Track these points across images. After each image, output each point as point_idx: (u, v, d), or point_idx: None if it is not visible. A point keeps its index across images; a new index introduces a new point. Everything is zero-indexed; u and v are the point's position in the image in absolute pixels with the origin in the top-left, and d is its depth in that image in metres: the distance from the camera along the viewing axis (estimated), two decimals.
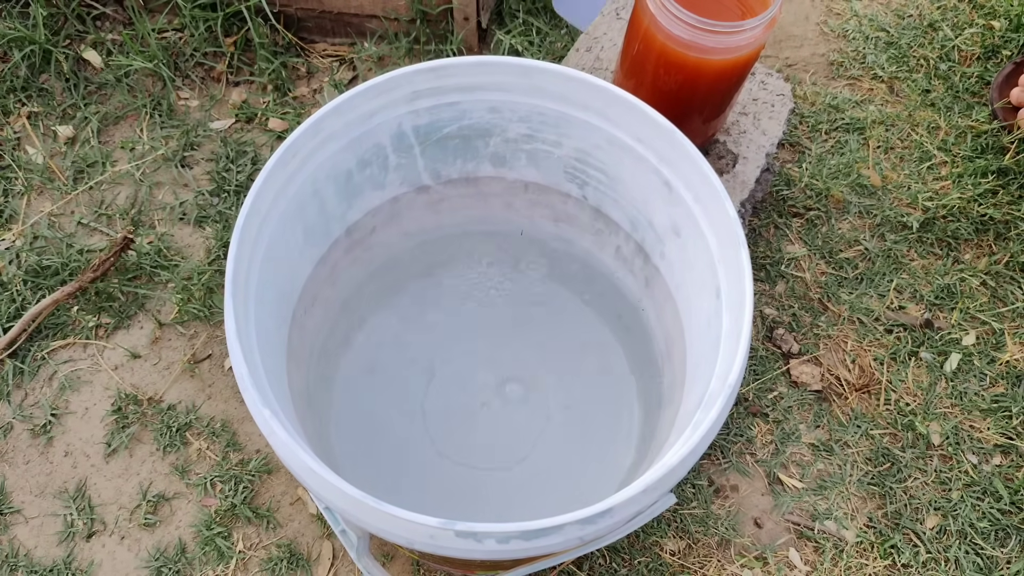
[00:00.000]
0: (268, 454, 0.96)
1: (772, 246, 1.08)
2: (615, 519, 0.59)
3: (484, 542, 0.57)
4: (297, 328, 0.81)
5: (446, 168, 0.86)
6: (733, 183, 0.95)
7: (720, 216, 0.70)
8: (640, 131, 0.75)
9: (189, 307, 1.02)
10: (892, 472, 0.96)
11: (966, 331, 1.03)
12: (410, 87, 0.76)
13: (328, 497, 0.59)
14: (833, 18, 1.28)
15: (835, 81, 1.23)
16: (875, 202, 1.11)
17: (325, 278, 0.86)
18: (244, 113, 1.17)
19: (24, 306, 1.02)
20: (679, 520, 0.93)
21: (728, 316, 0.69)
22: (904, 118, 1.18)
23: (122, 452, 0.96)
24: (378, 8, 1.17)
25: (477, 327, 1.00)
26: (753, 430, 0.98)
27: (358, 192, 0.82)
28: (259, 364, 0.65)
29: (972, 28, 1.25)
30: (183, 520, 0.93)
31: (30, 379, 1.00)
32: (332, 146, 0.75)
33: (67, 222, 1.09)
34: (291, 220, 0.75)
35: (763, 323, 1.04)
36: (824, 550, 0.92)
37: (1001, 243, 1.09)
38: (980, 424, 0.98)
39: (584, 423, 0.95)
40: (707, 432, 0.61)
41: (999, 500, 0.94)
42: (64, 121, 1.16)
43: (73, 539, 0.92)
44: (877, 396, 1.00)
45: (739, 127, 0.96)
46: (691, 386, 0.74)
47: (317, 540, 0.92)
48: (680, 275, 0.80)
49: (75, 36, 1.20)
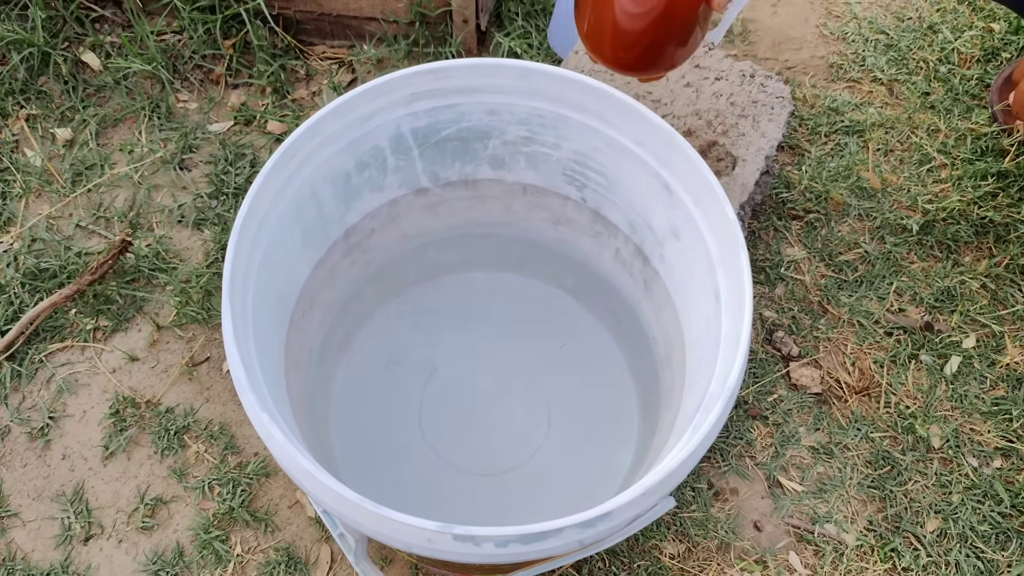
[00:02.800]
0: (266, 457, 0.96)
1: (772, 249, 1.08)
2: (614, 522, 0.59)
3: (482, 545, 0.57)
4: (295, 330, 0.81)
5: (445, 170, 0.86)
6: (732, 185, 0.95)
7: (719, 219, 0.70)
8: (639, 133, 0.75)
9: (187, 310, 1.02)
10: (892, 475, 0.96)
11: (966, 334, 1.03)
12: (408, 89, 0.76)
13: (325, 500, 0.59)
14: (832, 21, 1.28)
15: (835, 84, 1.22)
16: (875, 205, 1.11)
17: (323, 281, 0.86)
18: (243, 115, 1.17)
19: (22, 309, 1.02)
20: (679, 523, 0.93)
21: (727, 319, 0.69)
22: (904, 121, 1.18)
23: (120, 455, 0.96)
24: (377, 11, 1.17)
25: (476, 330, 1.00)
26: (753, 433, 0.98)
27: (356, 194, 0.82)
28: (257, 367, 0.65)
29: (972, 31, 1.24)
30: (181, 523, 0.93)
31: (28, 382, 0.99)
32: (330, 148, 0.75)
33: (65, 225, 1.09)
34: (289, 222, 0.75)
35: (763, 326, 1.04)
36: (824, 553, 0.92)
37: (1001, 246, 1.08)
38: (980, 427, 0.98)
39: (583, 426, 0.94)
40: (706, 435, 0.61)
41: (1000, 503, 0.94)
42: (62, 123, 1.16)
43: (71, 542, 0.92)
44: (877, 399, 1.00)
45: (738, 129, 0.96)
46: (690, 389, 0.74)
47: (315, 544, 0.92)
48: (679, 278, 0.80)
49: (74, 39, 1.20)
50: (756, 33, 1.27)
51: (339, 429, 0.93)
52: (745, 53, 1.25)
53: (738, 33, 1.27)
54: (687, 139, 0.89)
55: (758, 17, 1.29)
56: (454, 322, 1.00)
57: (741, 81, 0.99)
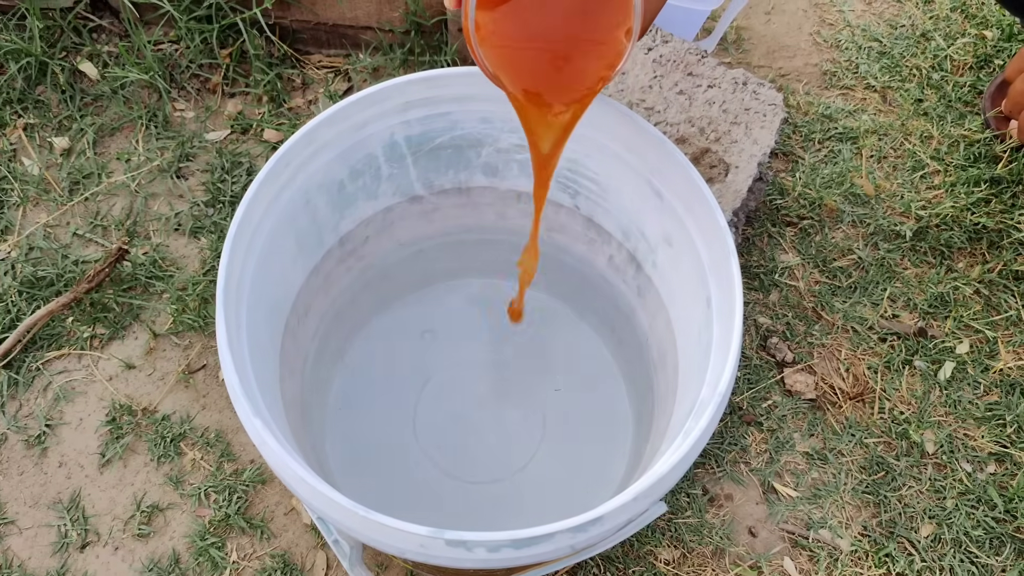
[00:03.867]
0: (262, 464, 0.96)
1: (766, 255, 1.09)
2: (606, 527, 0.59)
3: (474, 551, 0.57)
4: (291, 337, 0.81)
5: (439, 178, 0.86)
6: (725, 192, 0.95)
7: (710, 225, 0.70)
8: (631, 141, 0.76)
9: (184, 317, 1.02)
10: (886, 481, 0.96)
11: (960, 339, 1.03)
12: (402, 98, 0.76)
13: (319, 506, 0.59)
14: (826, 28, 1.29)
15: (828, 91, 1.23)
16: (868, 211, 1.12)
17: (318, 288, 0.86)
18: (239, 124, 1.17)
19: (19, 317, 1.02)
20: (673, 529, 0.93)
21: (719, 325, 0.69)
22: (897, 127, 1.18)
23: (116, 463, 0.96)
24: (373, 20, 1.17)
25: (471, 337, 1.00)
26: (747, 439, 0.98)
27: (351, 202, 0.83)
28: (251, 374, 0.66)
29: (964, 38, 1.25)
30: (177, 530, 0.93)
31: (24, 390, 1.00)
32: (324, 156, 0.76)
33: (62, 233, 1.10)
34: (283, 230, 0.75)
35: (757, 332, 1.04)
36: (819, 559, 0.92)
37: (994, 252, 1.09)
38: (974, 432, 0.98)
39: (578, 433, 0.95)
40: (697, 440, 0.61)
41: (993, 508, 0.94)
42: (60, 132, 1.17)
43: (67, 550, 0.92)
44: (871, 405, 1.00)
45: (731, 136, 0.97)
46: (683, 395, 0.75)
47: (311, 550, 0.92)
48: (672, 284, 0.80)
49: (71, 48, 1.21)
50: (750, 41, 1.28)
51: (334, 436, 0.93)
52: (739, 61, 1.25)
53: (732, 41, 1.27)
54: (680, 146, 0.90)
55: (752, 25, 1.29)
56: (449, 329, 1.00)
57: (734, 88, 0.99)
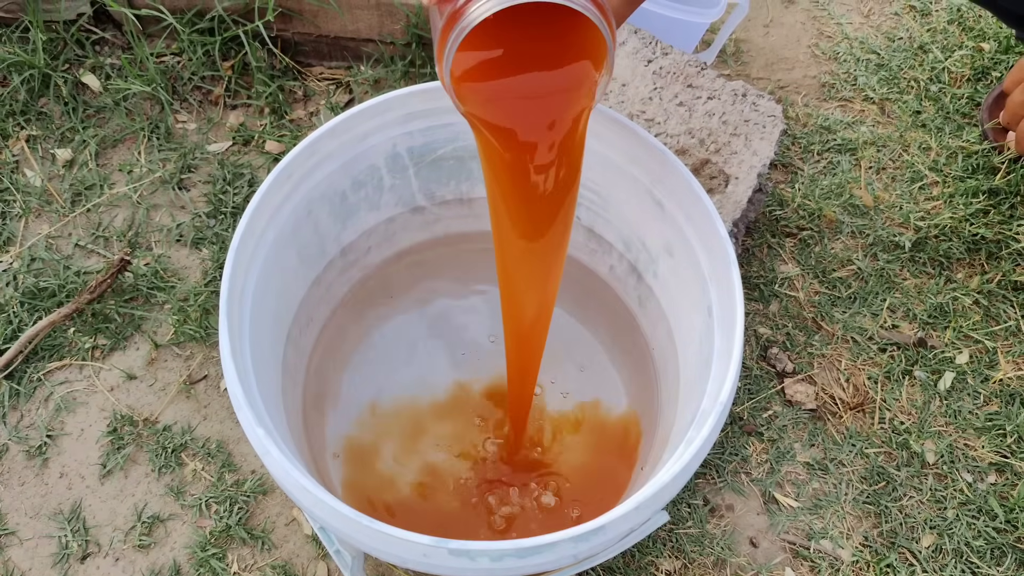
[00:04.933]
0: (263, 475, 0.96)
1: (765, 266, 1.09)
2: (608, 536, 0.59)
3: (477, 560, 0.57)
4: (293, 347, 0.82)
5: (440, 189, 0.87)
6: (725, 203, 0.96)
7: (711, 236, 0.71)
8: (632, 152, 0.76)
9: (185, 328, 1.03)
10: (887, 491, 0.96)
11: (959, 350, 1.04)
12: (404, 109, 0.77)
13: (321, 516, 0.59)
14: (824, 41, 1.30)
15: (827, 102, 1.24)
16: (867, 222, 1.12)
17: (320, 298, 0.86)
18: (241, 136, 1.18)
19: (21, 328, 1.03)
20: (674, 539, 0.93)
21: (720, 335, 0.69)
22: (895, 139, 1.19)
23: (117, 473, 0.96)
24: (375, 32, 1.18)
25: (473, 348, 1.00)
26: (748, 449, 0.98)
27: (353, 213, 0.83)
28: (253, 384, 0.66)
29: (962, 50, 1.26)
30: (178, 541, 0.93)
31: (26, 400, 1.00)
32: (327, 167, 0.76)
33: (64, 244, 1.10)
34: (286, 241, 0.76)
35: (757, 342, 1.04)
36: (820, 569, 0.92)
37: (993, 262, 1.09)
38: (975, 442, 0.98)
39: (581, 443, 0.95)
40: (699, 450, 0.61)
41: (994, 518, 0.94)
42: (62, 144, 1.17)
43: (68, 561, 0.92)
44: (871, 415, 1.00)
45: (730, 148, 0.97)
46: (684, 405, 0.75)
47: (312, 561, 0.92)
48: (673, 294, 0.80)
49: (74, 60, 1.21)
50: (749, 53, 1.28)
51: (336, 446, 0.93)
52: (738, 73, 1.26)
53: (731, 53, 1.28)
54: (680, 158, 0.90)
55: (751, 38, 1.30)
56: (451, 340, 1.00)
57: (733, 100, 1.00)
